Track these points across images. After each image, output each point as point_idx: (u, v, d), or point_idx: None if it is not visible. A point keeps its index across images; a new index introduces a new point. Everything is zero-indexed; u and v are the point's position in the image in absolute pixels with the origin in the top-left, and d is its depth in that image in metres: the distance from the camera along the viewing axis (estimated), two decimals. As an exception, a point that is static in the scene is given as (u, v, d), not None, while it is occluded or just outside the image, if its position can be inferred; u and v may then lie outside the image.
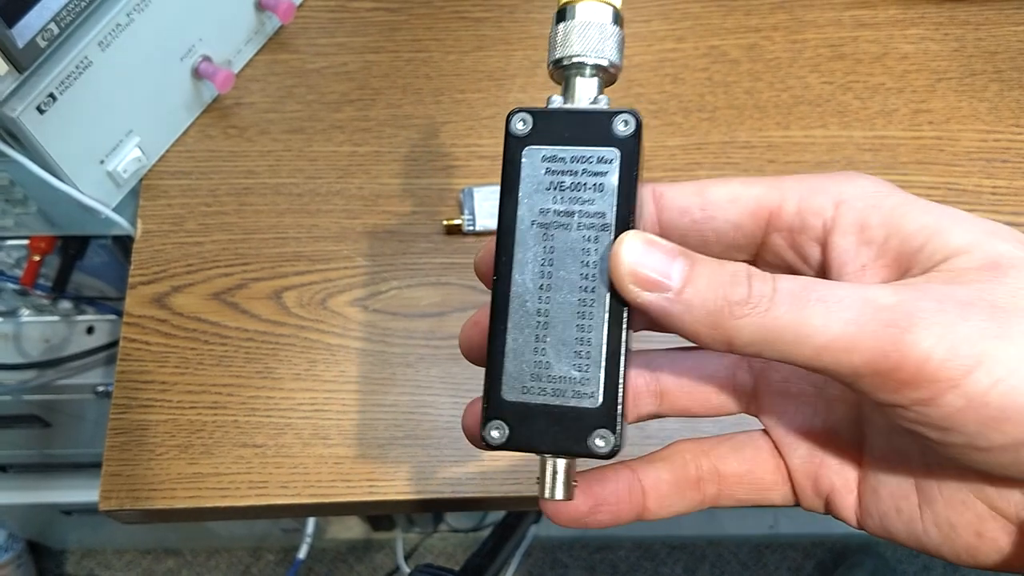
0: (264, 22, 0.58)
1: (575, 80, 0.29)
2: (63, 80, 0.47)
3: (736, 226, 0.29)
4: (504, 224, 0.28)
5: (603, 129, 0.28)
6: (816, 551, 1.41)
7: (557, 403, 0.27)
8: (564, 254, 0.27)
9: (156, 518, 0.49)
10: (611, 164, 0.27)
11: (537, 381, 0.27)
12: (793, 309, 0.24)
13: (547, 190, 0.28)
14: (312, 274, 0.53)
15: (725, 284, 0.25)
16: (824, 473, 0.30)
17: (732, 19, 0.59)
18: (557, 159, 0.28)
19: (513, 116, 0.28)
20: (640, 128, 0.27)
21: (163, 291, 0.53)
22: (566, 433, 0.27)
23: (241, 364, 0.51)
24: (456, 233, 0.54)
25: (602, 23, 0.29)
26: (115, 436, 0.49)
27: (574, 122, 0.28)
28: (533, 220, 0.28)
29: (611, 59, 0.29)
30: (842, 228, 0.27)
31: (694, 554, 1.40)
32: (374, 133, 0.57)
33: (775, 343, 0.24)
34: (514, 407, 0.27)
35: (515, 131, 0.28)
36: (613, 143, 0.27)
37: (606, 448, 0.27)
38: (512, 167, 0.28)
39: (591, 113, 0.28)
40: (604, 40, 0.28)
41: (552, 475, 0.28)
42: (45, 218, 0.58)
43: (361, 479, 0.48)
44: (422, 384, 0.50)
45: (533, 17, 0.60)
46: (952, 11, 0.59)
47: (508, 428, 0.27)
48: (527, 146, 0.28)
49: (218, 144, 0.57)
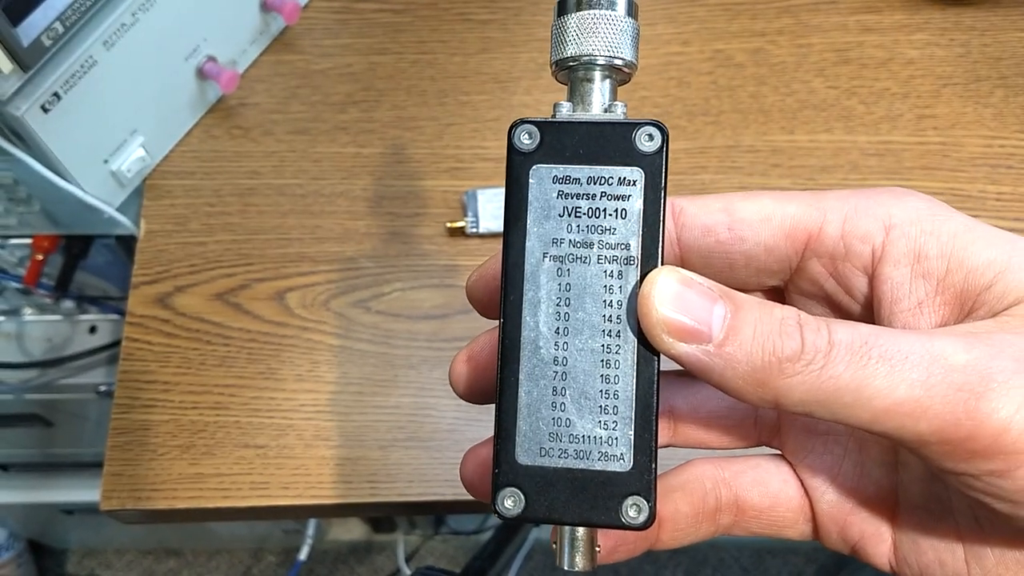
0: (269, 23, 0.58)
1: (583, 84, 0.24)
2: (67, 79, 0.47)
3: (768, 249, 0.25)
4: (511, 257, 0.24)
5: (623, 144, 0.23)
6: (818, 556, 1.40)
7: (581, 467, 0.23)
8: (583, 292, 0.23)
9: (157, 518, 0.49)
10: (634, 186, 0.23)
11: (556, 441, 0.23)
12: (852, 367, 0.21)
13: (560, 216, 0.23)
14: (315, 275, 0.53)
15: (773, 335, 0.21)
16: (854, 520, 0.27)
17: (737, 23, 0.59)
18: (571, 180, 0.24)
19: (516, 129, 0.24)
20: (666, 143, 0.24)
21: (166, 291, 0.53)
22: (593, 502, 0.23)
23: (243, 365, 0.51)
24: (459, 235, 0.53)
25: (614, 15, 0.24)
26: (117, 436, 0.49)
27: (589, 136, 0.24)
28: (545, 252, 0.24)
29: (626, 57, 0.24)
30: (894, 258, 0.24)
31: (695, 558, 1.40)
32: (378, 135, 0.57)
33: (830, 405, 0.21)
34: (530, 472, 0.23)
35: (520, 146, 0.24)
36: (635, 161, 0.23)
37: (640, 519, 0.23)
38: (518, 189, 0.24)
39: (608, 125, 0.24)
40: (617, 35, 0.24)
41: (571, 544, 0.24)
42: (48, 217, 0.58)
43: (363, 481, 0.48)
44: (424, 386, 0.50)
45: (538, 20, 0.60)
46: (958, 17, 0.59)
47: (524, 497, 0.23)
48: (535, 164, 0.24)
49: (222, 144, 0.57)
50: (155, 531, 1.37)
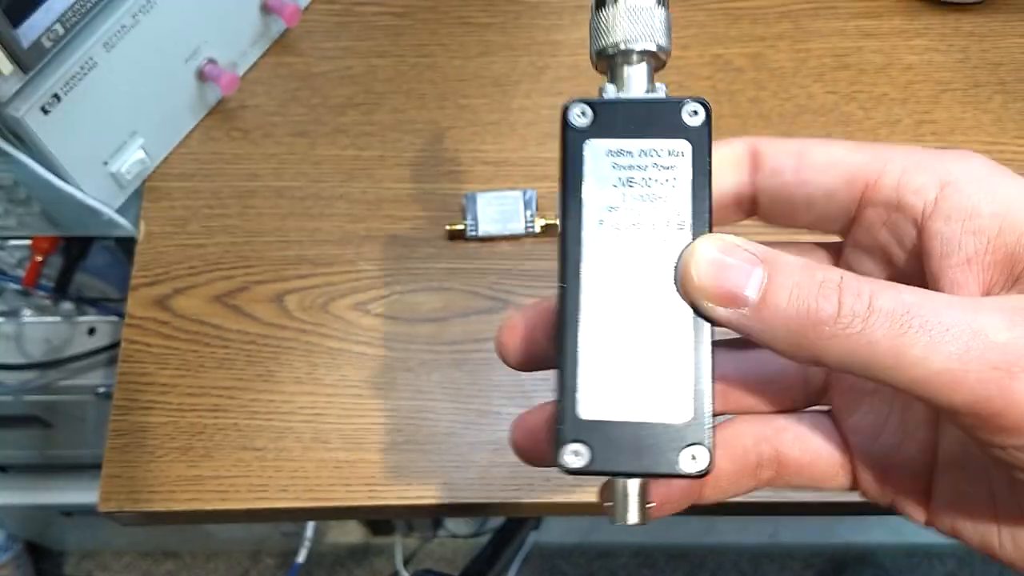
0: (269, 25, 0.58)
1: (624, 68, 0.27)
2: (67, 81, 0.47)
3: (829, 195, 0.26)
4: (569, 224, 0.25)
5: (671, 119, 0.25)
6: (815, 561, 1.40)
7: (640, 420, 0.24)
8: (638, 256, 0.25)
9: (155, 520, 0.49)
10: (682, 157, 0.25)
11: (616, 397, 0.25)
12: (891, 334, 0.21)
13: (614, 187, 0.25)
14: (314, 278, 0.53)
15: (810, 297, 0.22)
16: (893, 475, 0.28)
17: (737, 28, 0.60)
18: (623, 153, 0.25)
19: (571, 107, 0.26)
20: (710, 117, 0.25)
21: (165, 293, 0.53)
22: (653, 453, 0.24)
23: (242, 367, 0.51)
24: (459, 238, 0.54)
25: (648, 6, 0.27)
26: (115, 438, 0.49)
27: (638, 112, 0.26)
28: (601, 219, 0.25)
29: (660, 43, 0.27)
30: (945, 213, 0.24)
31: (693, 562, 1.40)
32: (378, 137, 0.57)
33: (869, 367, 0.22)
34: (593, 427, 0.24)
35: (574, 123, 0.26)
36: (682, 134, 0.25)
37: (699, 466, 0.24)
38: (574, 162, 0.25)
39: (656, 103, 0.26)
40: (652, 23, 0.27)
41: (625, 497, 0.25)
42: (48, 219, 0.58)
43: (361, 483, 0.48)
44: (423, 389, 0.50)
45: (538, 24, 0.60)
46: (957, 22, 0.59)
47: (589, 450, 0.24)
48: (588, 139, 0.26)
49: (222, 146, 0.57)
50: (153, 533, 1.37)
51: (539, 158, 0.56)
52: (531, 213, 0.53)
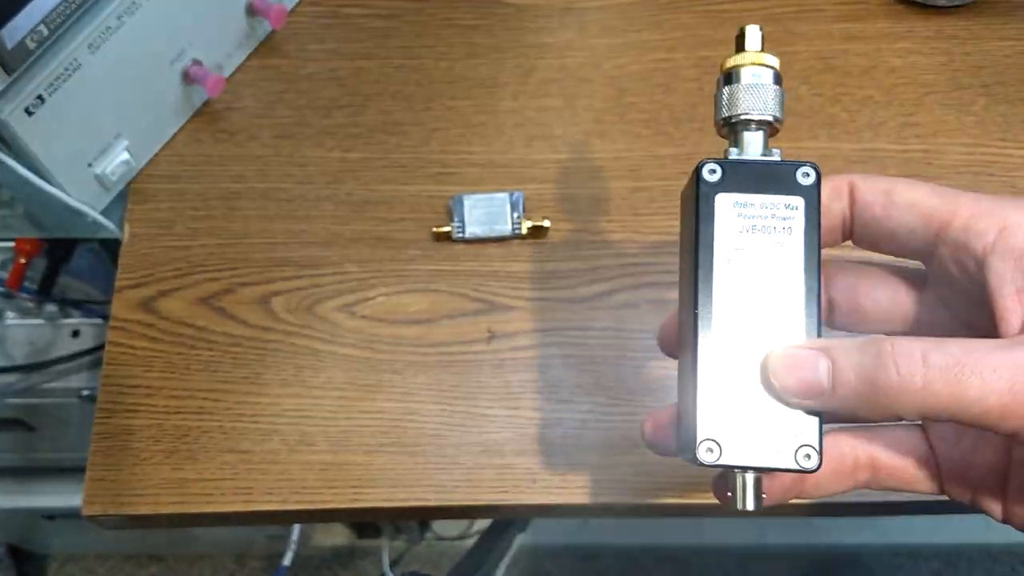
0: (255, 27, 0.58)
1: (744, 134, 0.32)
2: (52, 82, 0.47)
3: (910, 231, 0.31)
4: (703, 258, 0.31)
5: (787, 178, 0.31)
6: (802, 562, 1.41)
7: (763, 421, 0.30)
8: (760, 287, 0.31)
9: (140, 523, 0.49)
10: (796, 210, 0.31)
11: (744, 400, 0.30)
12: (950, 384, 0.26)
13: (740, 232, 0.31)
14: (300, 279, 0.53)
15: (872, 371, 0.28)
16: (973, 473, 0.32)
17: (723, 30, 0.60)
18: (748, 204, 0.31)
19: (704, 165, 0.32)
20: (820, 178, 0.31)
21: (150, 295, 0.53)
22: (773, 449, 0.30)
23: (228, 369, 0.51)
24: (445, 240, 0.54)
25: (766, 83, 0.32)
26: (100, 440, 0.49)
27: (761, 172, 0.32)
28: (729, 259, 0.31)
29: (776, 115, 0.32)
30: (1001, 252, 0.29)
31: (680, 564, 1.41)
32: (364, 139, 0.57)
33: (938, 413, 0.27)
34: (724, 426, 0.30)
35: (707, 179, 0.32)
36: (797, 192, 0.31)
37: (811, 464, 0.30)
38: (707, 210, 0.31)
39: (776, 164, 0.32)
40: (769, 98, 0.32)
41: (743, 488, 0.30)
42: (32, 220, 0.58)
43: (347, 486, 0.48)
44: (409, 391, 0.50)
45: (525, 26, 0.60)
46: (940, 25, 0.59)
47: (719, 447, 0.30)
48: (719, 192, 0.31)
49: (207, 148, 0.57)
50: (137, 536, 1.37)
51: (526, 160, 0.56)
52: (517, 215, 0.53)
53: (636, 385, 0.50)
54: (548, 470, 0.48)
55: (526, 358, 0.51)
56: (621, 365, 0.50)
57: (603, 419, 0.49)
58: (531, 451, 0.48)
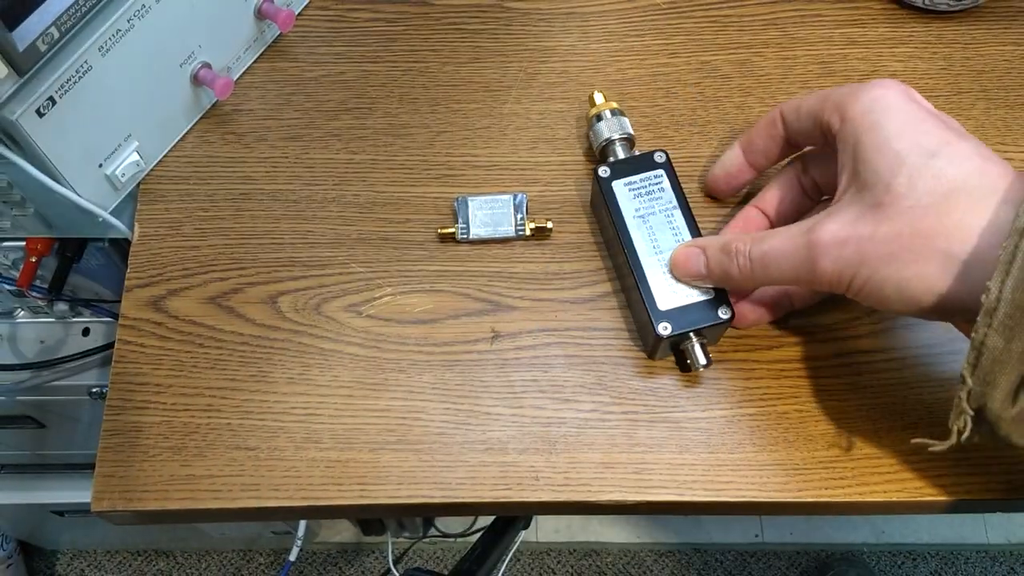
0: (264, 30, 0.59)
1: (617, 146, 0.53)
2: (63, 84, 0.47)
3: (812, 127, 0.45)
4: (617, 222, 0.50)
5: (649, 162, 0.51)
6: (800, 560, 1.41)
7: (690, 302, 0.48)
8: (658, 227, 0.50)
9: (148, 519, 0.49)
10: (662, 177, 0.51)
11: (673, 295, 0.48)
12: (766, 269, 0.44)
13: (634, 199, 0.50)
14: (307, 279, 0.54)
15: (725, 265, 0.45)
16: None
17: (724, 35, 0.60)
18: (632, 183, 0.51)
19: (599, 170, 0.51)
20: (668, 156, 0.51)
21: (159, 294, 0.53)
22: (703, 316, 0.47)
23: (235, 368, 0.51)
24: (450, 241, 0.54)
25: (616, 116, 0.53)
26: (109, 437, 0.50)
27: (632, 163, 0.52)
28: (634, 216, 0.50)
29: (628, 132, 0.54)
30: (842, 142, 0.43)
31: (680, 561, 1.41)
32: (371, 141, 0.58)
33: (768, 284, 0.46)
34: (668, 312, 0.48)
35: (603, 176, 0.51)
36: (657, 167, 0.51)
37: (727, 315, 0.47)
38: (611, 193, 0.51)
39: (640, 156, 0.52)
40: (623, 124, 0.53)
41: (693, 351, 0.48)
42: (42, 220, 0.59)
43: (352, 483, 0.48)
44: (414, 390, 0.51)
45: (529, 30, 0.61)
46: (940, 30, 0.60)
47: (671, 324, 0.47)
48: (614, 180, 0.51)
49: (216, 150, 0.57)
50: (145, 532, 1.37)
51: (529, 162, 0.56)
52: (521, 217, 0.54)
53: (638, 385, 0.50)
54: (551, 468, 0.48)
55: (529, 358, 0.51)
56: (623, 365, 0.51)
57: (605, 418, 0.49)
58: (534, 449, 0.49)
